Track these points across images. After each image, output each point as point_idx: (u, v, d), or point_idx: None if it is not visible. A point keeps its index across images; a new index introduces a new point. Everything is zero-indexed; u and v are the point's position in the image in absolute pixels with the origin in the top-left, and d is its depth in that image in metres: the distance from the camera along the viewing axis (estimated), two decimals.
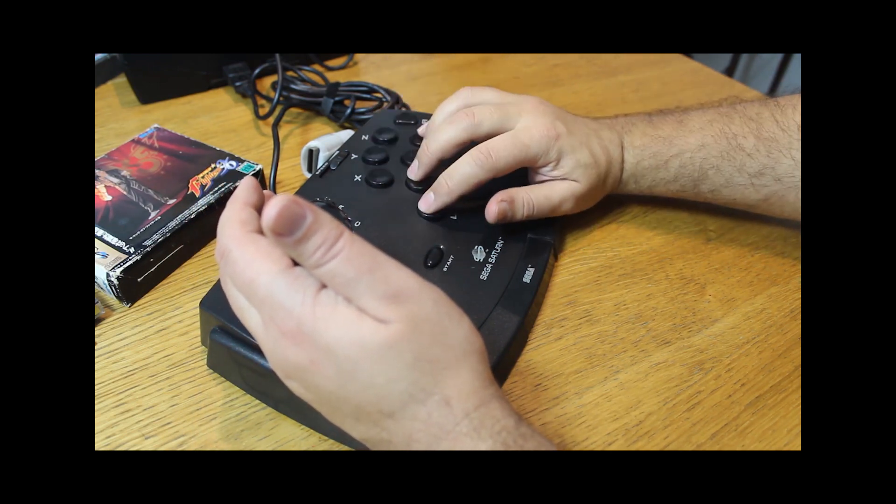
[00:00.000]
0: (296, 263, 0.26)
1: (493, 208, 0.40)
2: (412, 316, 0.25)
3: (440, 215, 0.42)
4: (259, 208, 0.28)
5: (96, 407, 0.34)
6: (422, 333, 0.25)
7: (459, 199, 0.41)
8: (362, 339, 0.24)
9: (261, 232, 0.27)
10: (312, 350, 0.25)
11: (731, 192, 0.44)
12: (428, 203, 0.42)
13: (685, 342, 0.40)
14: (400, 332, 0.25)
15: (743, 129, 0.43)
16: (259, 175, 0.47)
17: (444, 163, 0.42)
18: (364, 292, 0.25)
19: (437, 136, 0.41)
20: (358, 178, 0.44)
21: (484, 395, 0.26)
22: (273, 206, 0.24)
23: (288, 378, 0.27)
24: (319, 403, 0.27)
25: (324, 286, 0.26)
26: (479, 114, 0.41)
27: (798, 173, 0.41)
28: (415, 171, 0.43)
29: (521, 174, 0.43)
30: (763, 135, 0.42)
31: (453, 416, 0.25)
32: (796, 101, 0.42)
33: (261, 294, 0.25)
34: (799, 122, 0.41)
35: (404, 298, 0.25)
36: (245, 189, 0.29)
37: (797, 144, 0.41)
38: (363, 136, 0.48)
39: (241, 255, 0.26)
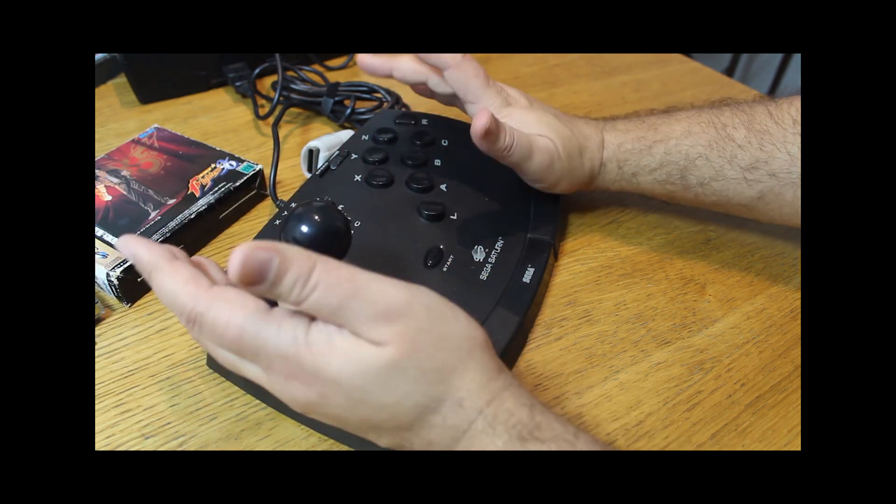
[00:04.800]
0: (272, 302, 0.26)
1: (482, 121, 0.36)
2: (407, 332, 0.25)
3: (440, 215, 0.42)
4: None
5: (96, 407, 0.34)
6: (421, 346, 0.25)
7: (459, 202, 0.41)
8: (364, 366, 0.25)
9: (214, 280, 0.27)
10: (319, 386, 0.25)
11: (723, 187, 0.42)
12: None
13: (685, 342, 0.40)
14: (399, 350, 0.25)
15: (733, 120, 0.41)
16: (258, 175, 0.47)
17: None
18: (353, 318, 0.25)
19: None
20: (358, 178, 0.44)
21: (493, 389, 0.26)
22: (237, 258, 0.23)
23: (305, 412, 0.27)
24: (341, 425, 0.27)
25: (312, 319, 0.26)
26: None
27: (796, 169, 0.39)
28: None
29: (513, 177, 0.43)
30: (755, 126, 0.40)
31: (467, 415, 0.26)
32: (794, 99, 0.41)
33: (252, 347, 0.25)
34: (795, 117, 0.40)
35: (395, 316, 0.25)
36: (158, 250, 0.28)
37: (794, 139, 0.39)
38: (363, 136, 0.48)
39: (216, 314, 0.25)
